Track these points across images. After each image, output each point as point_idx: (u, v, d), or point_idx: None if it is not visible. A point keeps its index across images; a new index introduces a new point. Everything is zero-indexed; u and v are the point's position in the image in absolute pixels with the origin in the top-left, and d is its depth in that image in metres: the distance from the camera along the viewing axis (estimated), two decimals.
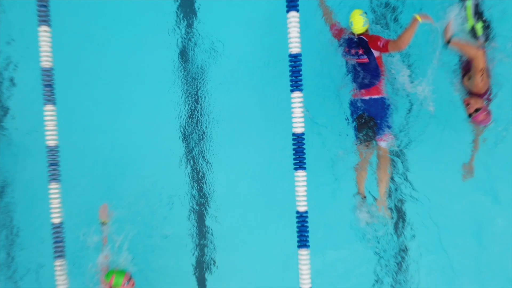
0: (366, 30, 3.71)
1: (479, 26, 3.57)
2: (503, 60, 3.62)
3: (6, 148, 4.31)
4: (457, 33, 3.50)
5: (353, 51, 3.72)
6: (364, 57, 3.69)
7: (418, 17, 3.38)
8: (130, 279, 3.49)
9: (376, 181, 3.89)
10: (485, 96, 3.60)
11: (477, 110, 3.54)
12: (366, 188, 3.94)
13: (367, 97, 3.79)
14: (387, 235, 4.02)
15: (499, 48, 3.61)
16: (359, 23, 3.65)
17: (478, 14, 3.57)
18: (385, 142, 3.87)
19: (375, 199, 3.95)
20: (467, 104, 3.59)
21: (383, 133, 3.84)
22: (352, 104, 3.87)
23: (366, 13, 3.69)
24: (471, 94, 3.62)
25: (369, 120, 3.82)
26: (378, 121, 3.80)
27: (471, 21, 3.57)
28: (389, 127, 3.83)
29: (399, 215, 4.06)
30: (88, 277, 3.66)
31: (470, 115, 3.58)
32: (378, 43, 3.60)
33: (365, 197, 3.99)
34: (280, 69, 4.00)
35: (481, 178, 3.88)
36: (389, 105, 3.82)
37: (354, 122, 3.87)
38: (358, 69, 3.75)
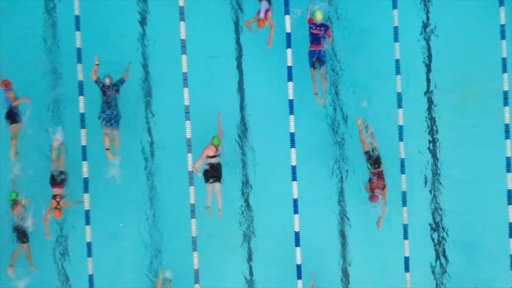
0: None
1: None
2: None
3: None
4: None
5: (318, 28, 8.36)
6: (322, 30, 8.36)
7: None
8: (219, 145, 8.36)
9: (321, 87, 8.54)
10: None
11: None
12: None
13: (319, 49, 8.41)
14: None
15: None
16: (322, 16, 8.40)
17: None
18: (324, 69, 8.55)
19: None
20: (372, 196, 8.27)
21: (323, 64, 8.50)
22: (311, 52, 8.42)
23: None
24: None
25: (318, 59, 8.47)
26: (323, 59, 8.46)
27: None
28: (325, 62, 8.54)
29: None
30: None
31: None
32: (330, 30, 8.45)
33: (317, 93, 8.58)
34: None
35: None
36: (325, 51, 8.54)
37: (312, 59, 8.44)
38: (319, 36, 8.36)
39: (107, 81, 8.49)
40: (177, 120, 8.52)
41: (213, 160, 8.45)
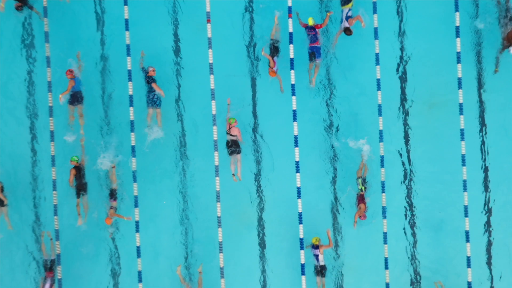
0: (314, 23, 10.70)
1: (363, 187, 10.68)
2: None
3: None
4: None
5: (310, 30, 10.59)
6: (313, 31, 10.59)
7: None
8: (235, 122, 10.64)
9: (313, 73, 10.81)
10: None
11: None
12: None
13: (314, 45, 10.69)
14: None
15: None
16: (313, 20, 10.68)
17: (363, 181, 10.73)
18: (319, 61, 10.78)
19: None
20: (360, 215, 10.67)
21: (318, 57, 10.73)
22: (309, 48, 10.62)
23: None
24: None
25: (314, 53, 10.74)
26: (317, 53, 10.70)
27: (361, 186, 10.67)
28: (320, 55, 10.79)
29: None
30: None
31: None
32: (318, 28, 10.66)
33: (311, 82, 10.88)
34: None
35: None
36: (320, 47, 10.80)
37: (309, 53, 10.68)
38: (311, 35, 10.66)
39: (150, 68, 10.71)
40: (206, 126, 10.97)
41: (230, 137, 10.66)
